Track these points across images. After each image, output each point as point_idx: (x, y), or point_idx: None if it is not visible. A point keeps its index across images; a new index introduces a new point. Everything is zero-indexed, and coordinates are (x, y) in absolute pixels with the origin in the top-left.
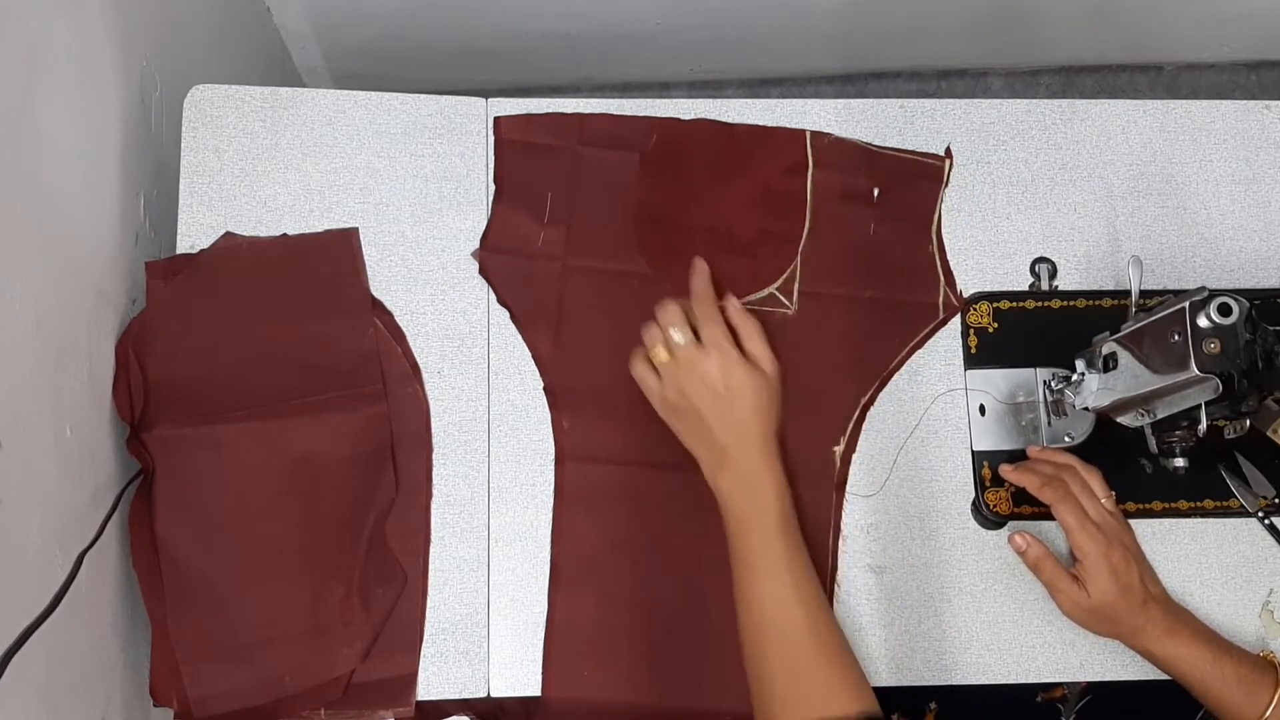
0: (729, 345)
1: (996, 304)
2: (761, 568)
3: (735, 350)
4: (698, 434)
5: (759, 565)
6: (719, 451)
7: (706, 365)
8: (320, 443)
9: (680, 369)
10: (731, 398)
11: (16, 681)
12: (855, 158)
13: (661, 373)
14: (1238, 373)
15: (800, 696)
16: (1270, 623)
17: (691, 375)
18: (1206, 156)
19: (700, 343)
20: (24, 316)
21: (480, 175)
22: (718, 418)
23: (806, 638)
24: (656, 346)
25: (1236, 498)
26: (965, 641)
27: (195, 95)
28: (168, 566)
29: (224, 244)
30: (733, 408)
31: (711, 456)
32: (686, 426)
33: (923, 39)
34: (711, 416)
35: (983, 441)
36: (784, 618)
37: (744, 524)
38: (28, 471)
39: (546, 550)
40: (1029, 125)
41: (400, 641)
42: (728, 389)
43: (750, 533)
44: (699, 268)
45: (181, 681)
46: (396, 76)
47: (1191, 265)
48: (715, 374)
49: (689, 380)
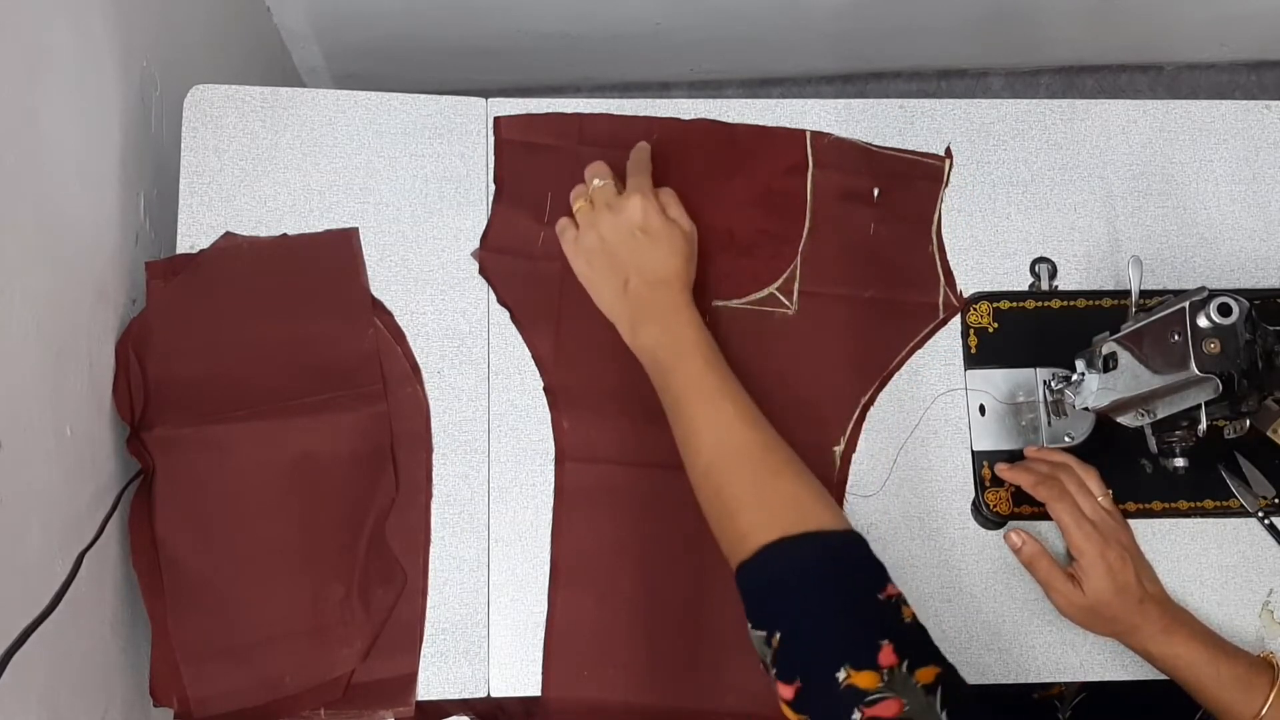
0: (650, 194)
1: (996, 304)
2: (698, 399)
3: (655, 199)
4: (612, 283)
5: (694, 397)
6: (634, 301)
7: (626, 206)
8: (320, 443)
9: (599, 211)
10: (649, 240)
11: (16, 681)
12: (855, 158)
13: (579, 219)
14: (1238, 373)
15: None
16: (1270, 623)
17: (609, 216)
18: (1206, 156)
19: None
20: (24, 316)
21: (480, 175)
22: (633, 260)
23: (760, 452)
24: (578, 200)
25: (1236, 498)
26: (964, 641)
27: (195, 95)
28: (168, 566)
29: (224, 244)
30: (650, 249)
31: (627, 307)
32: (600, 275)
33: (923, 39)
34: (627, 258)
35: (983, 441)
36: (735, 439)
37: (672, 365)
38: (28, 471)
39: (546, 550)
40: (1029, 125)
41: (400, 641)
42: (645, 230)
43: (679, 370)
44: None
45: (181, 681)
46: (396, 76)
47: (1191, 265)
48: (634, 215)
49: (605, 221)
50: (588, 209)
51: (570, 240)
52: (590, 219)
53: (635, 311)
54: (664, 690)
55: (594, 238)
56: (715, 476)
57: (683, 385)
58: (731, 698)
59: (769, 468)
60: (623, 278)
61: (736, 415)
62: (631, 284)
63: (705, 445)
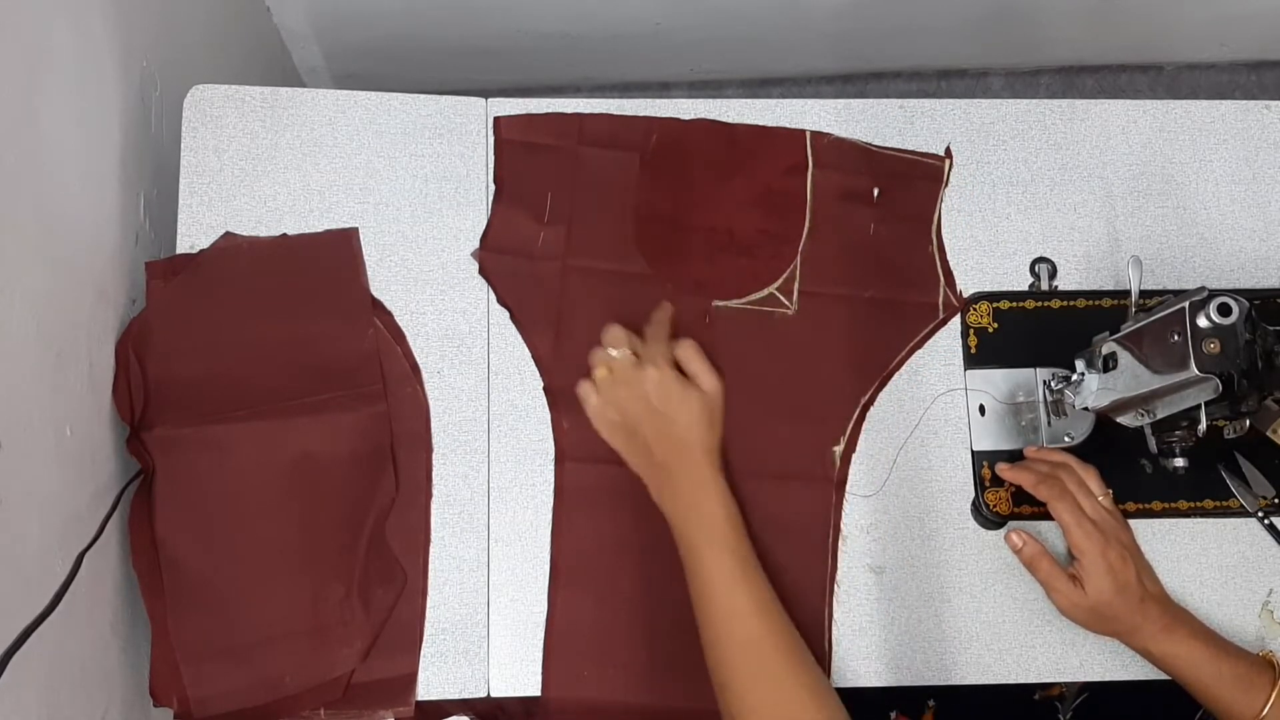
0: (665, 363)
1: (996, 304)
2: (715, 584)
3: (672, 368)
4: (638, 452)
5: (712, 582)
6: (660, 470)
7: (641, 379)
8: (320, 443)
9: (616, 384)
10: (667, 413)
11: (16, 681)
12: (855, 158)
13: (599, 389)
14: (1238, 373)
15: (765, 702)
16: (1270, 622)
17: (627, 390)
18: (1206, 156)
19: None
20: (24, 317)
21: (480, 175)
22: (655, 434)
23: (766, 647)
24: (599, 366)
25: (1236, 498)
26: (965, 641)
27: (195, 95)
28: (168, 566)
29: (224, 244)
30: (668, 423)
31: (653, 476)
32: (625, 445)
33: (923, 39)
34: (648, 432)
35: (983, 441)
36: (741, 630)
37: (693, 545)
38: (28, 471)
39: (546, 550)
40: (1029, 125)
41: (400, 641)
42: (663, 403)
43: (700, 553)
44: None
45: (181, 681)
46: (396, 76)
47: (1191, 265)
48: (650, 389)
49: (624, 395)
50: (607, 379)
51: (593, 409)
52: (608, 393)
53: (661, 480)
54: (663, 690)
55: (613, 411)
56: (720, 655)
57: (701, 565)
58: None
59: (770, 666)
60: (646, 448)
61: (748, 603)
62: (656, 455)
63: (714, 625)
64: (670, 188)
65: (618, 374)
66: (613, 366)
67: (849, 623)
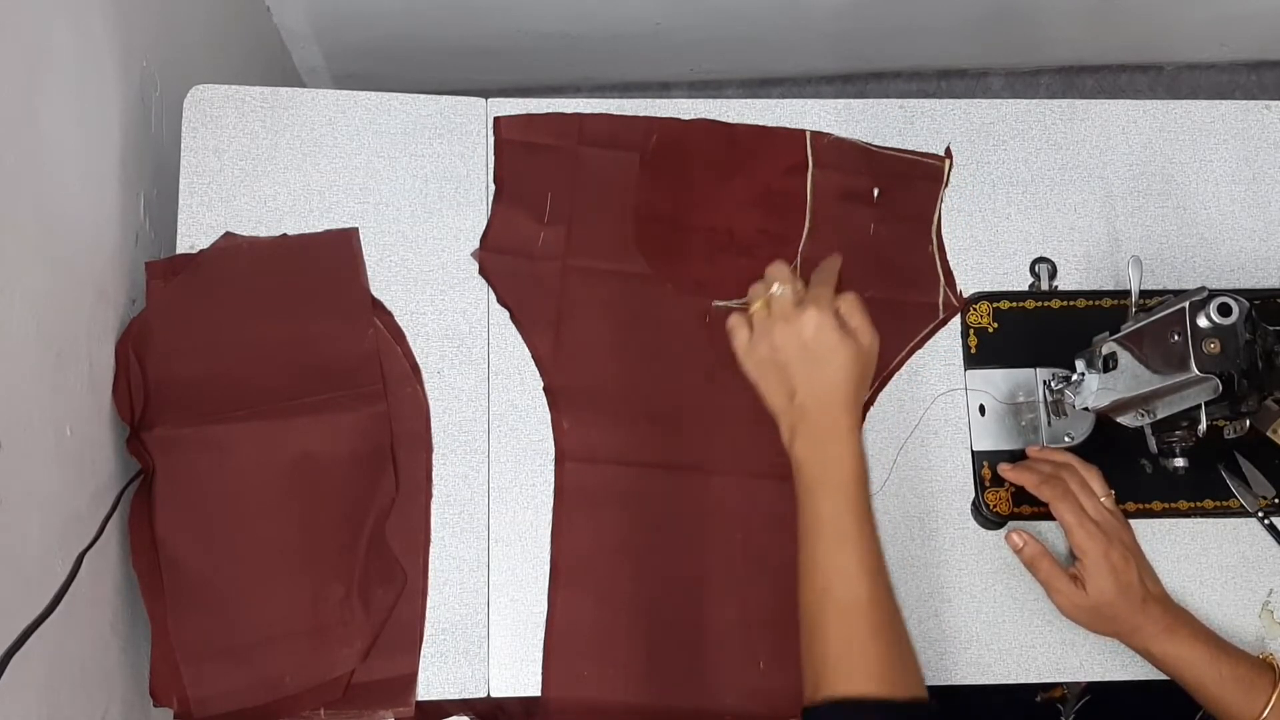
0: (828, 307)
1: (996, 304)
2: (829, 535)
3: (833, 314)
4: (780, 392)
5: (826, 533)
6: (798, 412)
7: (802, 319)
8: (320, 443)
9: (774, 321)
10: (820, 357)
11: (16, 681)
12: (855, 158)
13: (755, 324)
14: (1238, 373)
15: (854, 670)
16: (1270, 623)
17: (783, 328)
18: (1206, 156)
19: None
20: (24, 317)
21: (480, 175)
22: (802, 375)
23: (867, 611)
24: (757, 301)
25: (1236, 498)
26: (965, 641)
27: (195, 95)
28: (168, 566)
29: (224, 244)
30: (819, 367)
31: (791, 417)
32: (769, 383)
33: (923, 39)
34: (796, 373)
35: (983, 441)
36: (846, 589)
37: (815, 490)
38: (28, 471)
39: (546, 550)
40: (1029, 125)
41: (400, 641)
42: (817, 346)
43: (821, 499)
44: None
45: (181, 681)
46: (396, 76)
47: (1191, 265)
48: (808, 329)
49: (779, 332)
50: (764, 315)
51: (742, 342)
52: (764, 327)
53: (797, 422)
54: (663, 690)
55: (766, 346)
56: (817, 616)
57: (815, 516)
58: (730, 698)
59: (867, 625)
60: (790, 389)
61: (856, 564)
62: (798, 397)
63: (817, 583)
64: (670, 188)
65: (777, 311)
66: (772, 303)
67: None
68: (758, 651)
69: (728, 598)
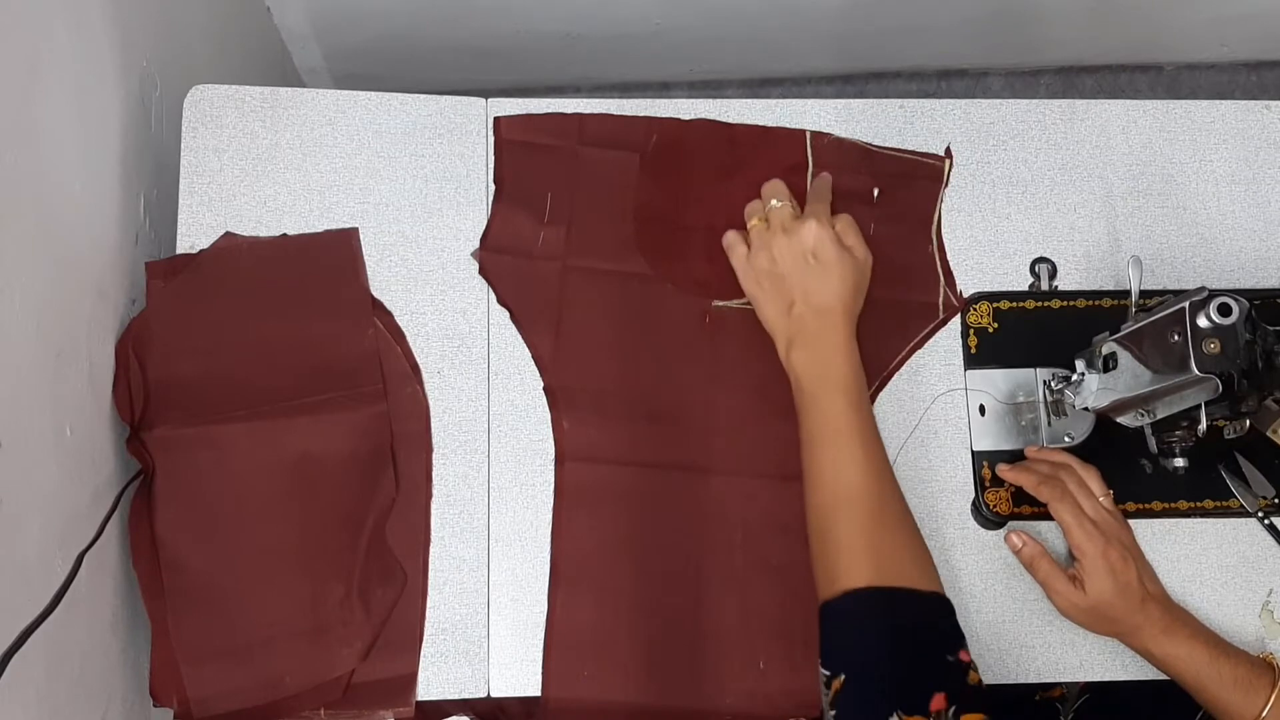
0: (827, 221)
1: (996, 304)
2: (832, 435)
3: (831, 227)
4: (777, 304)
5: (829, 433)
6: (796, 323)
7: (801, 230)
8: (320, 443)
9: (773, 233)
10: (819, 267)
11: (16, 681)
12: (855, 157)
13: (753, 237)
14: (1238, 373)
15: (868, 561)
16: (1270, 623)
17: (783, 239)
18: (1206, 156)
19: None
20: (24, 316)
21: (480, 175)
22: (801, 285)
23: (875, 503)
24: (754, 216)
25: (1236, 498)
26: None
27: (195, 95)
28: (168, 566)
29: (224, 244)
30: (819, 277)
31: (787, 328)
32: (766, 295)
33: (923, 39)
34: (794, 283)
35: (983, 441)
36: (853, 484)
37: (815, 395)
38: (28, 471)
39: (546, 550)
40: (1029, 125)
41: (400, 641)
42: (816, 257)
43: (821, 402)
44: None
45: (181, 681)
46: (396, 76)
47: (1191, 265)
48: (808, 240)
49: (779, 243)
50: (762, 228)
51: (740, 257)
52: (763, 239)
53: (794, 333)
54: (664, 690)
55: (766, 258)
56: (827, 515)
57: (819, 419)
58: (731, 698)
59: (879, 518)
60: (789, 300)
61: (863, 459)
62: (796, 308)
63: (825, 483)
64: (670, 188)
65: (775, 223)
66: (770, 217)
67: None
68: (758, 651)
69: (728, 598)
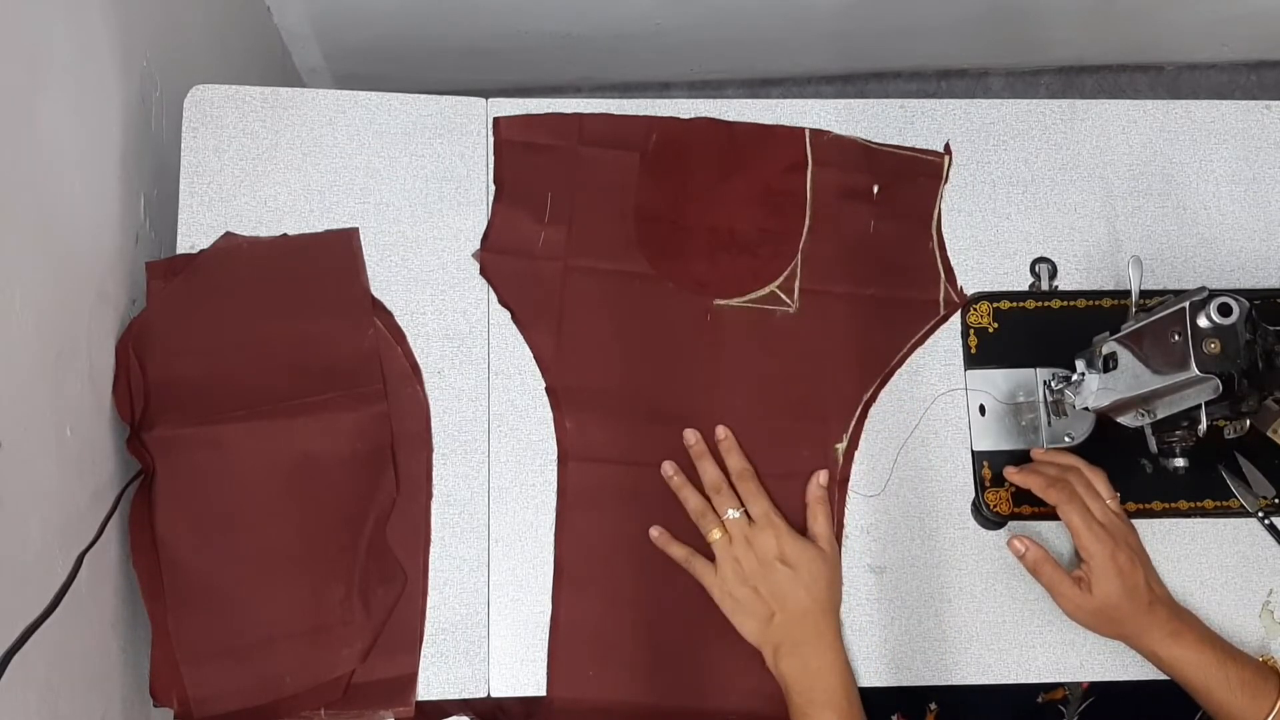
0: (778, 519)
1: (996, 304)
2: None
3: (786, 524)
4: (757, 617)
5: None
6: (779, 631)
7: (760, 539)
8: (320, 443)
9: (736, 546)
10: (789, 571)
11: (16, 681)
12: (855, 155)
13: (717, 551)
14: (1238, 373)
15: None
16: (1270, 623)
17: (747, 550)
18: (1206, 156)
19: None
20: (24, 317)
21: (480, 175)
22: (776, 595)
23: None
24: (712, 529)
25: (1236, 498)
26: (965, 641)
27: (195, 95)
28: (168, 566)
29: (224, 244)
30: (790, 581)
31: (773, 638)
32: (745, 611)
33: (923, 39)
34: (769, 593)
35: (983, 441)
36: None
37: (805, 711)
38: (28, 471)
39: (546, 550)
40: (1029, 125)
41: (400, 641)
42: (784, 561)
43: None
44: (729, 444)
45: (182, 681)
46: (396, 76)
47: (1191, 265)
48: (771, 547)
49: (745, 557)
50: (725, 543)
51: (710, 575)
52: (728, 553)
53: (779, 641)
54: (668, 690)
55: (736, 575)
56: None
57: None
58: (735, 697)
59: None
60: (768, 611)
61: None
62: (776, 618)
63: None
64: (670, 187)
65: (737, 536)
66: (730, 529)
67: (849, 623)
68: None
69: None
